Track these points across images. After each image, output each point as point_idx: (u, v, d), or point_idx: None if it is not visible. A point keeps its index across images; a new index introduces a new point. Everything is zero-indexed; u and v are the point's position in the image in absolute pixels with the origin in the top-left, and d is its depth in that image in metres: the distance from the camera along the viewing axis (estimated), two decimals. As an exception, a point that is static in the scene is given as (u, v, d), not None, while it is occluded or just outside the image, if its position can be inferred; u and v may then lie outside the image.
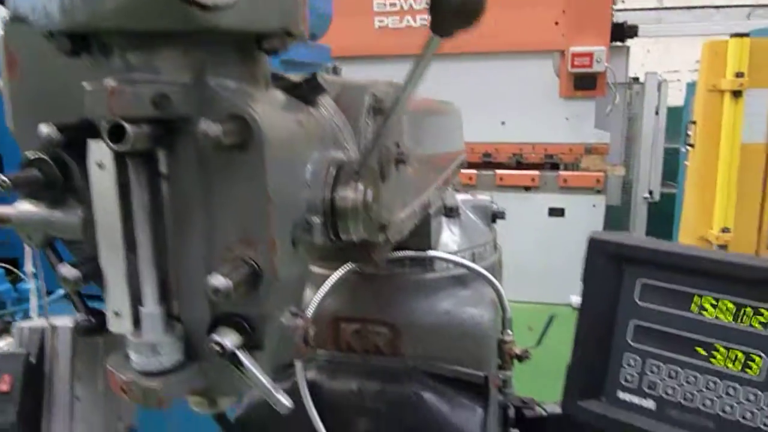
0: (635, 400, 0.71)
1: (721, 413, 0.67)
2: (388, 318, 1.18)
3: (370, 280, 1.20)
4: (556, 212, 5.15)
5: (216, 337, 0.51)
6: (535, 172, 5.15)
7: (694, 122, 3.25)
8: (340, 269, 1.16)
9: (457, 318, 1.16)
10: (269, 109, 0.52)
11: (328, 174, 0.59)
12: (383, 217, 0.78)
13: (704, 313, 0.68)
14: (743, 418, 0.66)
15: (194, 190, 0.51)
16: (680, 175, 4.96)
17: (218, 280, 0.47)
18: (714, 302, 0.67)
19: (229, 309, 0.53)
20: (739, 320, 0.66)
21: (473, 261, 1.23)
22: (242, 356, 0.51)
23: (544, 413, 1.39)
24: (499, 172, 5.20)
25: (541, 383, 1.42)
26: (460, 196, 1.36)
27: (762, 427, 0.64)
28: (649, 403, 0.71)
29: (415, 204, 1.01)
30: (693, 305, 0.68)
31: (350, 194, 0.58)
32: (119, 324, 0.53)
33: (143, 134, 0.47)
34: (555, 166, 5.30)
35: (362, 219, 0.60)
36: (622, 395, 0.72)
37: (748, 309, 0.65)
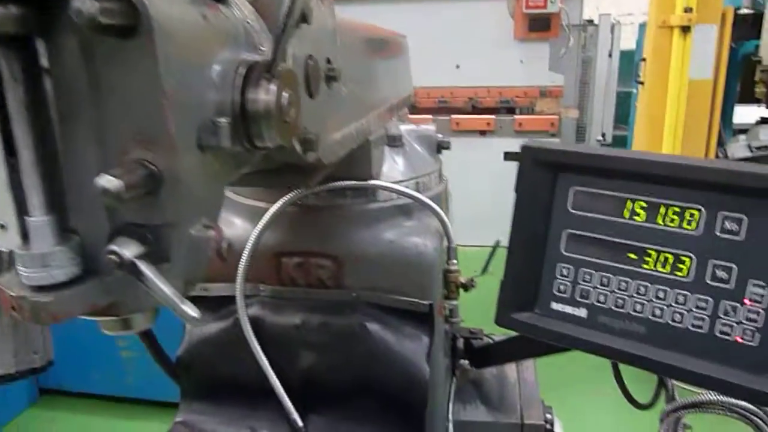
0: (568, 309, 0.71)
1: (651, 317, 0.67)
2: (331, 250, 1.15)
3: (311, 213, 1.17)
4: (512, 156, 5.16)
5: (113, 246, 0.47)
6: (491, 117, 5.13)
7: (644, 59, 3.26)
8: (279, 201, 1.12)
9: (400, 247, 1.14)
10: (164, -5, 0.47)
11: (237, 74, 0.55)
12: (310, 132, 0.74)
13: (636, 218, 0.67)
14: (672, 320, 0.66)
15: (80, 84, 0.46)
16: (631, 118, 5.02)
17: (107, 181, 0.43)
18: (645, 205, 0.66)
19: (130, 218, 0.49)
20: (670, 222, 0.65)
21: (417, 191, 1.20)
22: (142, 266, 0.47)
23: (491, 342, 1.41)
24: (454, 117, 5.16)
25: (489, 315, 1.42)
26: (405, 127, 1.32)
27: (690, 327, 0.65)
28: (582, 312, 0.70)
29: (352, 127, 0.97)
30: (625, 210, 0.67)
31: (262, 96, 0.54)
32: (5, 238, 0.48)
33: (11, 16, 0.42)
34: (510, 110, 5.29)
35: (277, 124, 0.55)
36: (555, 305, 0.71)
37: (678, 210, 0.65)
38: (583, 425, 2.88)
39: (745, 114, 4.28)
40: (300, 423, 1.14)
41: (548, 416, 1.39)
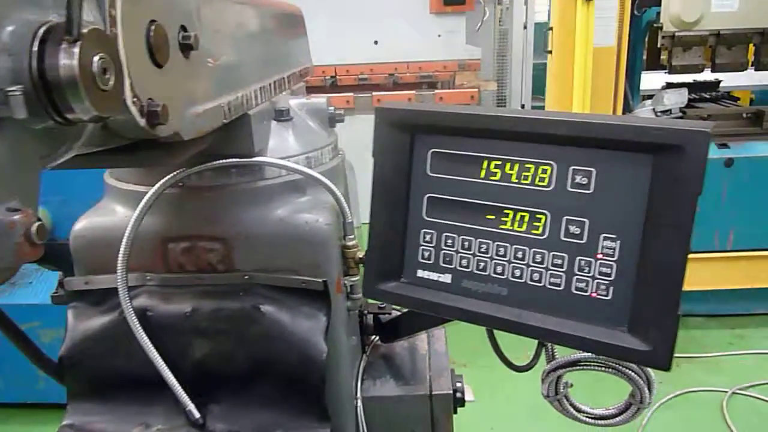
0: (433, 276, 0.69)
1: (511, 278, 0.66)
2: (219, 232, 1.10)
3: (196, 194, 1.11)
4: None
5: None
6: (412, 92, 5.12)
7: (551, 28, 3.32)
8: (158, 183, 1.06)
9: (291, 225, 1.10)
10: None
11: (36, 37, 0.49)
12: (156, 103, 0.68)
13: (492, 177, 0.66)
14: (531, 279, 0.65)
15: None
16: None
17: None
18: (500, 164, 0.65)
19: None
20: (524, 180, 0.64)
21: (309, 166, 1.16)
22: None
23: (398, 316, 1.39)
24: (375, 94, 5.12)
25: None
26: (294, 100, 1.27)
27: (548, 286, 0.64)
28: (446, 278, 0.69)
29: (222, 101, 0.91)
30: (482, 170, 0.66)
31: (62, 61, 0.48)
32: None
33: None
34: (432, 85, 5.30)
35: (89, 93, 0.50)
36: (421, 273, 0.70)
37: (531, 167, 0.64)
38: (508, 389, 2.96)
39: (652, 80, 4.44)
40: (197, 414, 1.10)
41: (458, 385, 1.39)
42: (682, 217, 0.55)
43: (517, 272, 0.65)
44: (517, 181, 0.64)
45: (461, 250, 0.67)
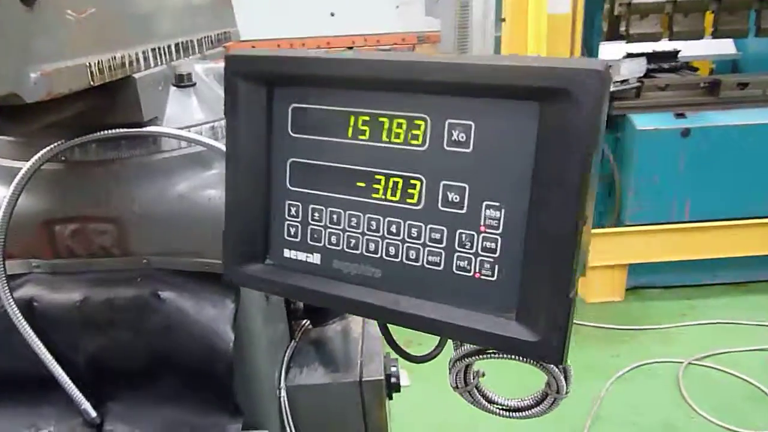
0: (301, 256, 0.59)
1: (385, 257, 0.56)
2: (110, 212, 0.99)
3: (81, 170, 0.99)
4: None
5: None
6: (370, 66, 4.99)
7: (505, -5, 3.23)
8: (33, 158, 0.93)
9: (191, 202, 0.99)
10: None
11: None
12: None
13: (361, 137, 0.55)
14: (407, 258, 0.55)
15: None
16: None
17: None
18: (369, 120, 0.54)
19: None
20: (396, 139, 0.54)
21: (215, 137, 1.05)
22: None
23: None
24: (333, 67, 4.97)
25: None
26: (201, 65, 1.15)
27: (426, 265, 0.54)
28: (315, 258, 0.59)
29: (88, 59, 0.79)
30: (349, 129, 0.55)
31: None
32: None
33: None
34: (391, 59, 5.17)
35: None
36: (288, 253, 0.59)
37: (403, 122, 0.53)
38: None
39: (612, 51, 4.37)
40: (92, 413, 0.99)
41: (393, 369, 1.31)
42: (572, 177, 0.45)
43: (392, 250, 0.55)
44: (387, 140, 0.54)
45: (330, 225, 0.57)
